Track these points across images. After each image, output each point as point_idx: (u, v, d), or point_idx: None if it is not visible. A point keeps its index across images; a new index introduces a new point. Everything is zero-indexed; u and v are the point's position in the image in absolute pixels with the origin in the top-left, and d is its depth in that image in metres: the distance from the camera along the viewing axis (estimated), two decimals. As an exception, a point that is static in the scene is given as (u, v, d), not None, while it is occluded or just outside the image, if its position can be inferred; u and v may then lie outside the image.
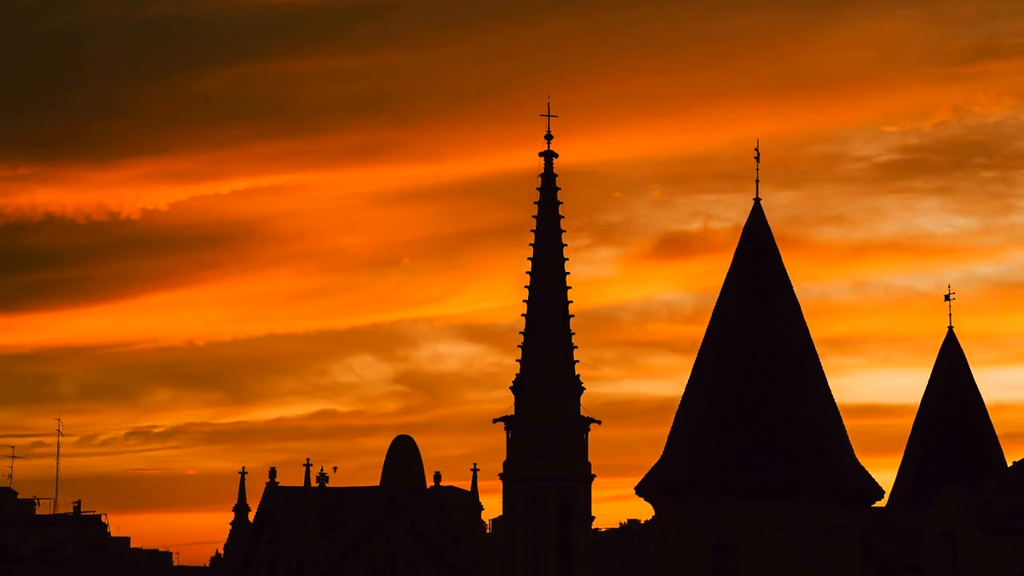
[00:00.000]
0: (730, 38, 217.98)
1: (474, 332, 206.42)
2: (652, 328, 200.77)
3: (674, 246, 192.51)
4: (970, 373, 47.17)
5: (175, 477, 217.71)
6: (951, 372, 47.13)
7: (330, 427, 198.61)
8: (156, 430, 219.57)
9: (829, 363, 40.19)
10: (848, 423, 40.15)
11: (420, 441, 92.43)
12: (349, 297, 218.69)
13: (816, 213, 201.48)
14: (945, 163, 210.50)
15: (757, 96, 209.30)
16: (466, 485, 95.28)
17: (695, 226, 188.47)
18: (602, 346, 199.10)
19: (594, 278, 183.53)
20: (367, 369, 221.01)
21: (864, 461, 40.14)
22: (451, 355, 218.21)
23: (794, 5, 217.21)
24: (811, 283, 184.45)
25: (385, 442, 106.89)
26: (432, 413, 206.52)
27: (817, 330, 40.77)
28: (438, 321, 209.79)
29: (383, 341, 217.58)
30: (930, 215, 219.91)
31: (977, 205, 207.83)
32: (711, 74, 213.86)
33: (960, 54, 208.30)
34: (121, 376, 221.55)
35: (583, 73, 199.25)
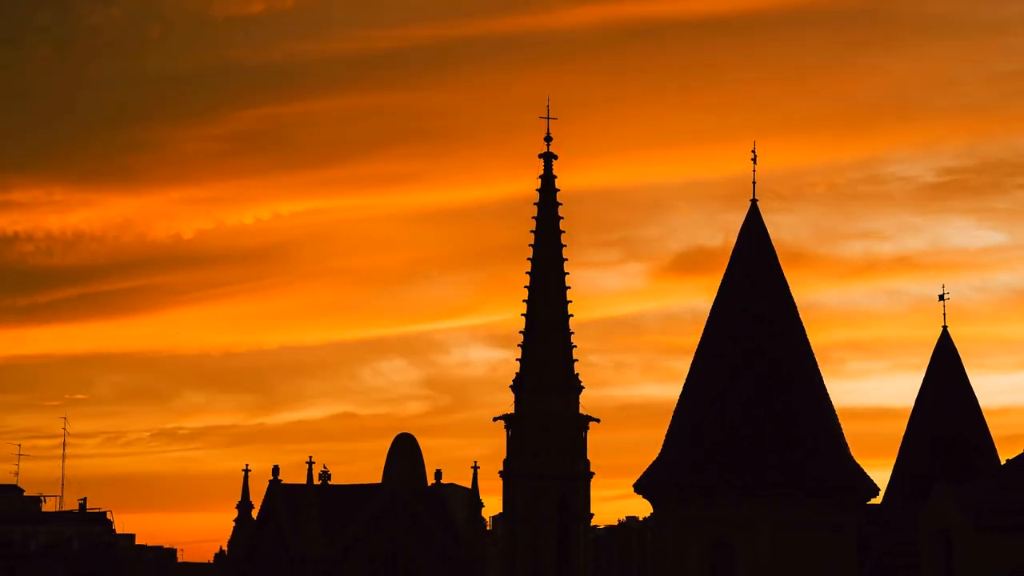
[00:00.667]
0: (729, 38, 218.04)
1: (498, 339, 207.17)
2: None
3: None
4: (964, 372, 47.57)
5: (180, 475, 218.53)
6: (945, 371, 47.53)
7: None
8: (182, 432, 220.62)
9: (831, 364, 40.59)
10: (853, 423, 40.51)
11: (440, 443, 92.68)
12: (373, 308, 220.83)
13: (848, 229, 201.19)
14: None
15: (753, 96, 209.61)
16: (466, 483, 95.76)
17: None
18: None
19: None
20: (395, 373, 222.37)
21: (860, 461, 40.62)
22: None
23: None
24: (836, 290, 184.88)
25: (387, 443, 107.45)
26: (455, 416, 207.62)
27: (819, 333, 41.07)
28: (463, 330, 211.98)
29: (411, 347, 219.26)
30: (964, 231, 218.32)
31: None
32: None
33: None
34: (153, 380, 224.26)
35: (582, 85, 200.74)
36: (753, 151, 42.17)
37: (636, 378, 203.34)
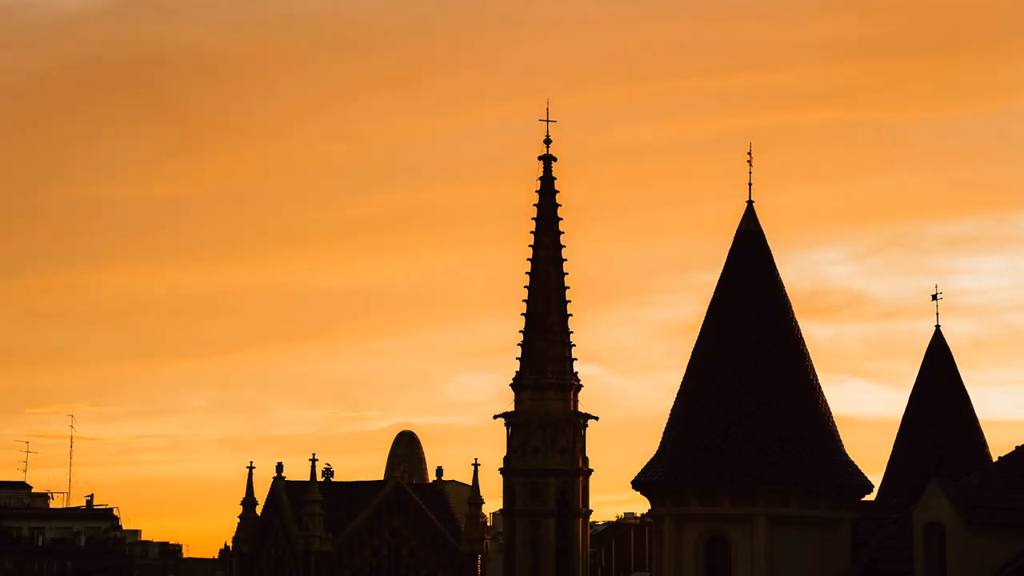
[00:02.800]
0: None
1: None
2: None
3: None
4: (956, 369, 47.96)
5: (185, 472, 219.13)
6: (939, 368, 47.90)
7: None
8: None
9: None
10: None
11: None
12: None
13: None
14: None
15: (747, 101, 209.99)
16: (467, 479, 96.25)
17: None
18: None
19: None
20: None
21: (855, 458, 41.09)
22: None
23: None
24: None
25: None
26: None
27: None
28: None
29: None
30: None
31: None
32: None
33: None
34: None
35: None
36: (749, 153, 42.64)
37: (636, 377, 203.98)
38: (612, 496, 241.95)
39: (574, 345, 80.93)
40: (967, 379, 47.76)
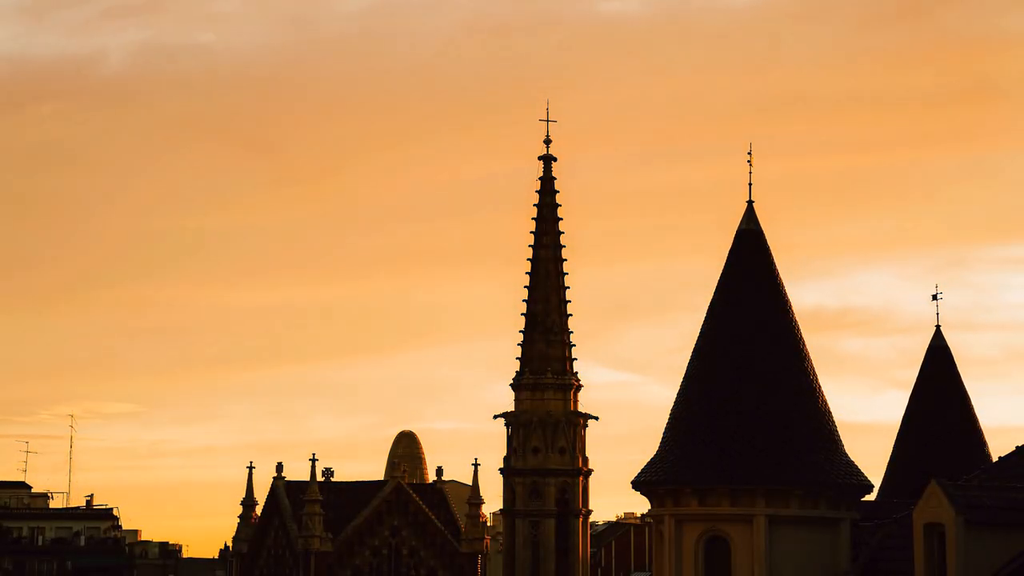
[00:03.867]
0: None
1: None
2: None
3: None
4: (956, 369, 48.01)
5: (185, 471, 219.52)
6: (938, 368, 47.95)
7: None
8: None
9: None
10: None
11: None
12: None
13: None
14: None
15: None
16: (467, 479, 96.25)
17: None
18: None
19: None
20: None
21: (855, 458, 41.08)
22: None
23: None
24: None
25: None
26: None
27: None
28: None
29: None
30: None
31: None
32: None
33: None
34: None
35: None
36: (749, 152, 42.66)
37: (636, 377, 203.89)
38: (612, 499, 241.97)
39: (574, 345, 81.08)
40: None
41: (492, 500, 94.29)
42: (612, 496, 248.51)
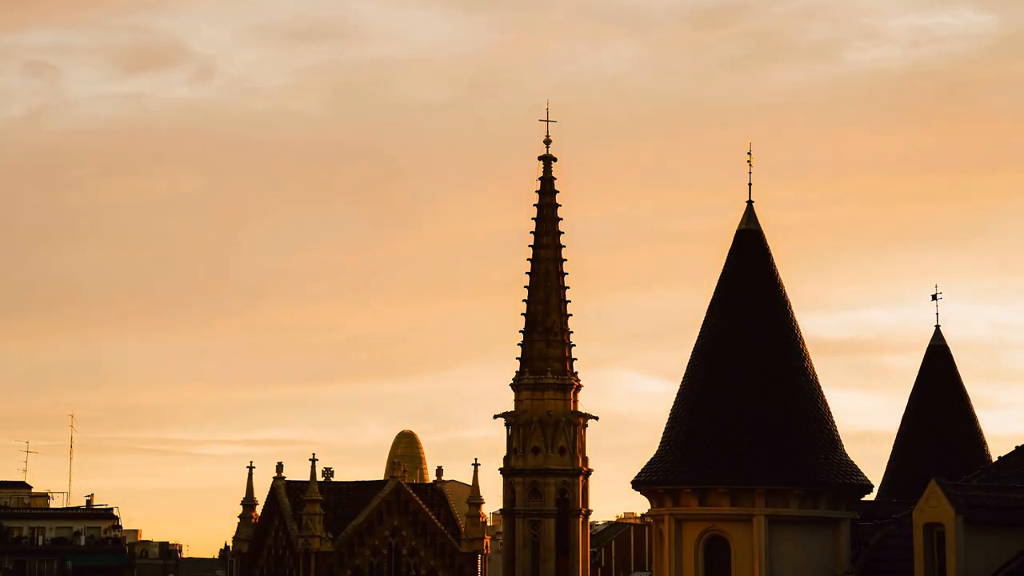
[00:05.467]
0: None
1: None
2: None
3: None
4: (956, 369, 48.01)
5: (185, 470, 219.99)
6: (938, 367, 47.93)
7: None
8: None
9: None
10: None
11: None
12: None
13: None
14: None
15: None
16: (467, 479, 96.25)
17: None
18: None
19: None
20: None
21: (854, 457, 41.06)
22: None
23: None
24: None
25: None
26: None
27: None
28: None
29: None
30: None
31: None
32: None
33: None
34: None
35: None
36: (749, 153, 42.61)
37: (636, 376, 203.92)
38: (612, 501, 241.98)
39: (574, 345, 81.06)
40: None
41: (492, 500, 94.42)
42: (612, 495, 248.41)
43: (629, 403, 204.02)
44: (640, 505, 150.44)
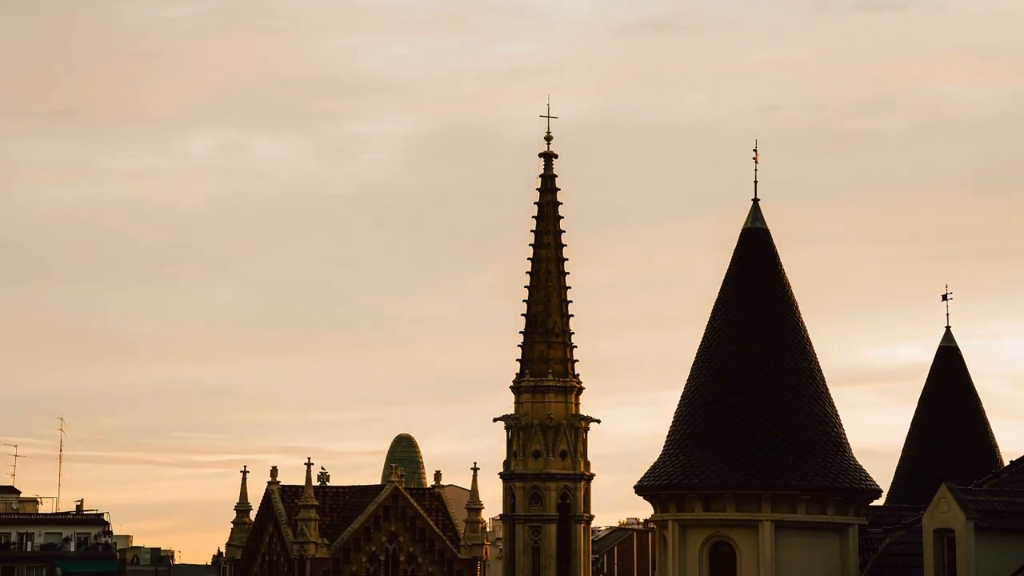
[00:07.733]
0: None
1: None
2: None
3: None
4: (966, 371, 47.57)
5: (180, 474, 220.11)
6: (948, 370, 47.46)
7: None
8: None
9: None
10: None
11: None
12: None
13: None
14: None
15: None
16: (466, 483, 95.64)
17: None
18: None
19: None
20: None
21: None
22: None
23: None
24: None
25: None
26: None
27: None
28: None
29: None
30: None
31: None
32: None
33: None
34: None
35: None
36: (755, 151, 42.20)
37: (637, 376, 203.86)
38: (614, 507, 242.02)
39: (576, 346, 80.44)
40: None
41: (492, 505, 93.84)
42: (615, 501, 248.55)
43: (631, 406, 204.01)
44: (643, 510, 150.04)
